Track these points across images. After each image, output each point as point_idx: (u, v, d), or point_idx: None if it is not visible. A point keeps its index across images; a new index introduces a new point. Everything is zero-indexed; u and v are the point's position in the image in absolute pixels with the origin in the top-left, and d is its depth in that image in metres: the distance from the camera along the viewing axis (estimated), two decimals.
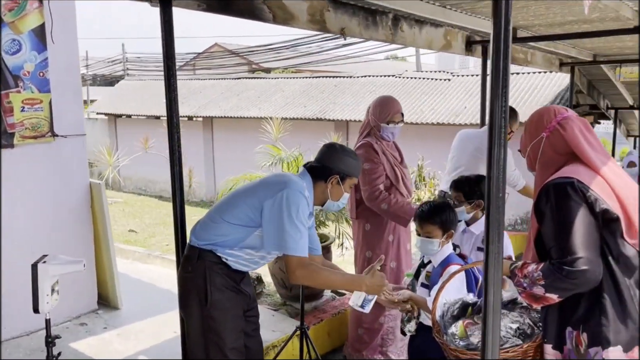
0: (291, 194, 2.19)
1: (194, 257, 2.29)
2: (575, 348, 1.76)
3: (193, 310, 2.30)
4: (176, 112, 2.57)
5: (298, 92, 12.38)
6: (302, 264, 2.18)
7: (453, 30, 4.92)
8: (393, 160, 3.46)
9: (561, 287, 1.70)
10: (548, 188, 1.79)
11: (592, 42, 5.88)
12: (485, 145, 4.68)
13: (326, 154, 2.43)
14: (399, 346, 3.60)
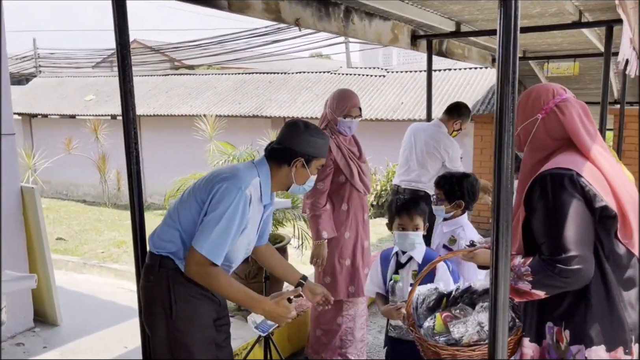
0: (227, 190, 1.97)
1: (155, 266, 2.09)
2: (556, 344, 1.69)
3: (158, 323, 2.10)
4: (132, 106, 2.35)
5: (231, 88, 12.06)
6: (202, 262, 1.95)
7: (400, 24, 4.92)
8: (349, 155, 3.37)
9: (550, 285, 1.61)
10: (544, 178, 1.66)
11: (524, 39, 6.08)
12: (434, 138, 4.73)
13: (288, 135, 2.18)
14: (358, 347, 3.53)
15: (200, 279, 2.01)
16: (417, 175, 4.46)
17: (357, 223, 3.42)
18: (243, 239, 2.09)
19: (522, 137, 1.86)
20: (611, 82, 8.35)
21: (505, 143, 1.43)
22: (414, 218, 2.45)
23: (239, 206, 1.95)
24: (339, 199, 3.35)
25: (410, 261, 2.52)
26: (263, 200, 2.13)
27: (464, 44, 6.39)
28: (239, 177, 2.02)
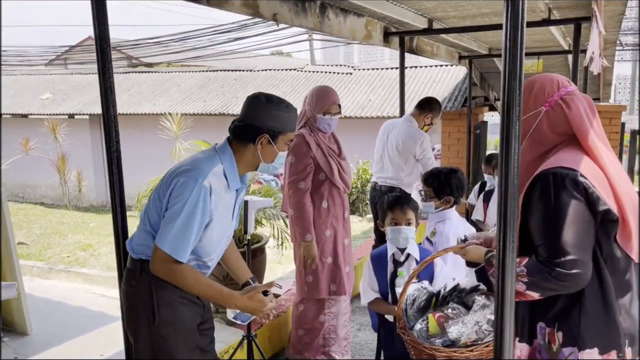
0: (181, 184, 1.85)
1: (136, 270, 1.99)
2: (547, 345, 1.64)
3: (140, 329, 2.00)
4: (113, 104, 2.24)
5: (195, 86, 11.83)
6: (165, 260, 1.85)
7: (373, 21, 4.92)
8: (329, 152, 3.33)
9: (546, 287, 1.56)
10: (546, 177, 1.58)
11: (493, 35, 6.18)
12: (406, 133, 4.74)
13: (250, 110, 2.00)
14: (342, 345, 3.49)
15: (166, 276, 1.91)
16: (393, 172, 4.48)
17: (337, 221, 3.38)
18: (216, 230, 1.97)
19: (522, 130, 1.73)
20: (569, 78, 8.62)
21: (512, 137, 1.39)
22: (407, 212, 2.45)
23: (198, 200, 1.83)
24: (319, 196, 3.30)
25: (409, 259, 2.50)
26: (230, 186, 1.99)
27: (433, 41, 6.45)
28: (198, 168, 1.89)
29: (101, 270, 5.05)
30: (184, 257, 1.86)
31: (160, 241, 1.85)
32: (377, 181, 4.60)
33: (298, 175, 3.21)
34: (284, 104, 2.01)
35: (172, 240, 1.83)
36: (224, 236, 2.06)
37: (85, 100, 12.08)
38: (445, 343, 1.76)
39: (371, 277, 2.57)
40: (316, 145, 3.25)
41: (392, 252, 2.52)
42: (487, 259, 1.75)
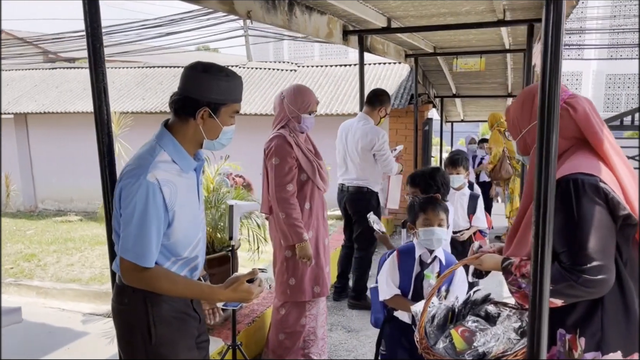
0: (125, 187, 1.72)
1: (129, 287, 1.82)
2: (568, 352, 1.64)
3: (136, 350, 1.86)
4: (106, 103, 2.08)
5: (132, 83, 11.31)
6: (132, 269, 1.74)
7: (334, 19, 4.92)
8: (308, 153, 3.30)
9: (571, 294, 1.55)
10: (566, 183, 1.57)
11: (441, 35, 6.35)
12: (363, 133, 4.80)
13: (187, 81, 1.82)
14: (319, 346, 3.48)
15: (140, 285, 1.79)
16: (357, 172, 4.52)
17: (318, 221, 3.36)
18: (184, 221, 1.82)
19: (529, 140, 1.79)
20: (508, 76, 9.01)
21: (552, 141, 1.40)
22: (439, 213, 2.41)
23: (147, 198, 1.69)
24: (301, 198, 3.26)
25: (434, 261, 2.46)
26: (184, 169, 1.84)
27: (384, 39, 6.54)
28: (139, 165, 1.75)
29: (52, 282, 4.71)
30: (150, 262, 1.74)
31: (121, 251, 1.74)
32: (344, 182, 4.61)
33: (284, 177, 3.14)
34: (224, 72, 1.83)
35: (133, 247, 1.71)
36: (197, 223, 1.93)
37: (9, 98, 11.24)
38: (476, 357, 1.73)
39: (395, 273, 2.52)
40: (297, 146, 3.21)
41: (420, 253, 2.48)
42: (504, 267, 1.72)
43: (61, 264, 5.63)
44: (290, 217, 3.13)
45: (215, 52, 31.27)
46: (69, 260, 5.95)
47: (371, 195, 4.55)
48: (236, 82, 1.86)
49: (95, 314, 3.99)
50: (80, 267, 5.61)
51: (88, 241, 7.25)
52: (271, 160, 3.17)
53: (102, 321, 3.91)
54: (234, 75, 1.86)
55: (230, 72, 1.86)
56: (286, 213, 3.13)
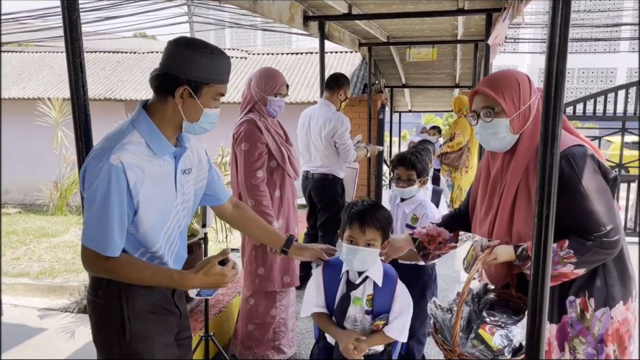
0: (88, 169, 1.59)
1: (104, 279, 1.71)
2: (580, 315, 1.74)
3: (110, 345, 1.75)
4: (84, 83, 1.94)
5: None
6: (94, 258, 1.62)
7: (295, 4, 4.86)
8: (278, 139, 3.21)
9: (595, 260, 1.66)
10: (566, 158, 1.66)
11: (396, 24, 6.41)
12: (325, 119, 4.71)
13: (168, 56, 1.67)
14: (289, 337, 3.42)
15: (103, 274, 1.67)
16: (322, 160, 4.45)
17: (289, 209, 3.28)
18: (152, 210, 1.68)
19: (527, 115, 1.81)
20: (456, 67, 9.25)
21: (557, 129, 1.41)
22: (368, 232, 1.93)
23: (108, 182, 1.56)
24: (271, 185, 3.17)
25: (366, 282, 1.98)
26: (157, 153, 1.68)
27: (341, 27, 6.53)
28: (105, 146, 1.61)
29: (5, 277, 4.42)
30: (112, 251, 1.60)
31: (83, 238, 1.61)
32: (309, 170, 4.54)
33: (254, 164, 3.05)
34: (209, 49, 1.67)
35: (94, 235, 1.59)
36: (169, 215, 1.75)
37: None
38: (514, 350, 1.73)
39: (318, 291, 2.07)
40: (267, 131, 3.12)
41: (346, 269, 2.02)
42: (518, 255, 1.76)
43: (6, 258, 5.31)
44: (260, 205, 3.05)
45: (153, 39, 30.32)
46: (13, 254, 5.62)
47: (336, 182, 4.52)
48: (222, 61, 1.70)
49: (52, 309, 3.78)
50: (27, 260, 5.30)
51: (33, 234, 6.87)
52: (240, 145, 3.06)
53: (59, 316, 3.72)
54: (221, 53, 1.70)
55: (217, 49, 1.70)
56: (256, 200, 3.05)
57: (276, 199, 3.20)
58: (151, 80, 1.71)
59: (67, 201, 4.45)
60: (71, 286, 4.43)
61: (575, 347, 1.76)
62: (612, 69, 32.95)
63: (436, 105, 14.54)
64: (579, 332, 1.74)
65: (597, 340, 1.73)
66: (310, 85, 9.22)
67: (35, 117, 8.97)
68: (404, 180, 2.70)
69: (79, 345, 3.36)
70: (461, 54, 8.33)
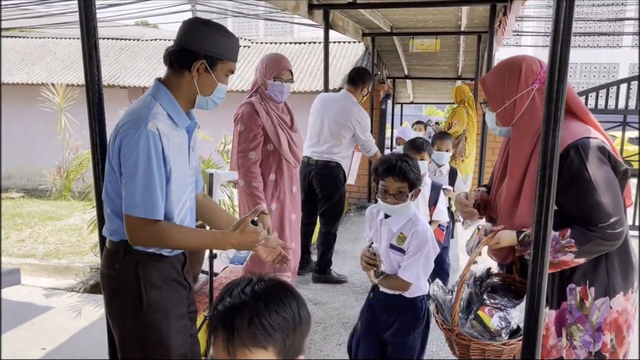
0: (125, 138, 1.66)
1: (119, 251, 1.78)
2: (580, 303, 1.76)
3: (126, 317, 1.80)
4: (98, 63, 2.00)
5: (75, 54, 10.76)
6: (142, 225, 1.68)
7: None
8: (279, 123, 3.23)
9: (595, 250, 1.68)
10: (575, 149, 1.68)
11: (400, 14, 6.43)
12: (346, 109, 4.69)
13: (185, 33, 1.79)
14: None
15: (153, 243, 1.73)
16: (330, 146, 4.46)
17: (284, 195, 3.29)
18: (175, 179, 1.75)
19: (513, 110, 1.84)
20: (459, 59, 9.26)
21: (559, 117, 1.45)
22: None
23: (149, 147, 1.64)
24: (266, 168, 3.20)
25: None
26: (178, 124, 1.79)
27: (345, 16, 6.55)
28: (137, 117, 1.69)
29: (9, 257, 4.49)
30: (160, 214, 1.68)
31: (129, 208, 1.67)
32: (312, 156, 4.55)
33: (248, 144, 3.09)
34: (224, 29, 1.82)
35: (141, 201, 1.64)
36: (186, 187, 1.85)
37: None
38: (511, 332, 1.78)
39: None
40: (266, 114, 3.15)
41: None
42: (520, 240, 1.81)
43: (11, 240, 5.37)
44: (250, 186, 3.08)
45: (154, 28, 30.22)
46: (19, 236, 5.68)
47: (339, 170, 4.54)
48: (234, 41, 1.85)
49: (58, 289, 3.85)
50: (32, 242, 5.36)
51: (37, 217, 6.93)
52: (237, 126, 3.13)
53: (65, 295, 3.79)
54: (232, 34, 1.85)
55: (229, 31, 1.84)
56: (246, 181, 3.08)
57: (271, 183, 3.22)
58: (167, 55, 1.80)
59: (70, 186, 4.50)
60: (77, 267, 4.50)
61: (572, 333, 1.78)
62: (615, 64, 32.77)
63: (438, 97, 14.55)
64: (577, 320, 1.77)
65: (595, 328, 1.76)
66: (313, 75, 9.24)
67: (39, 102, 9.00)
68: (392, 195, 2.12)
69: (85, 323, 3.43)
70: (464, 46, 8.35)
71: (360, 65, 4.80)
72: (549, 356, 1.82)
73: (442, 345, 3.35)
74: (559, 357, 1.81)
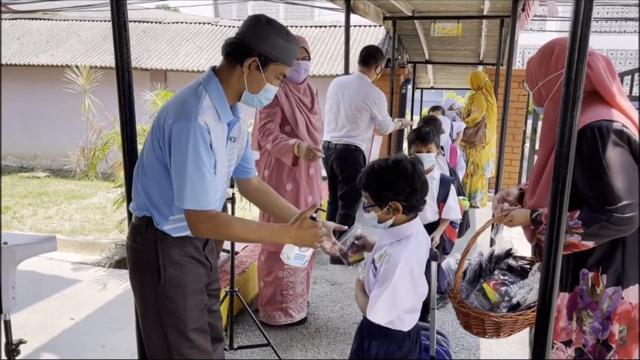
0: (176, 129, 1.68)
1: (142, 226, 1.85)
2: (591, 289, 1.75)
3: (144, 288, 1.88)
4: (127, 42, 2.05)
5: (99, 37, 10.91)
6: (202, 219, 1.72)
7: None
8: (297, 105, 3.25)
9: (603, 235, 1.66)
10: (591, 130, 1.68)
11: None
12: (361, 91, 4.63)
13: (246, 28, 1.80)
14: (298, 302, 3.49)
15: (212, 234, 1.79)
16: (348, 130, 4.49)
17: (301, 176, 3.32)
18: (219, 168, 1.79)
19: (544, 92, 1.90)
20: (481, 44, 9.16)
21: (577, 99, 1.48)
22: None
23: (197, 141, 1.67)
24: None
25: None
26: (222, 118, 1.80)
27: (366, 0, 6.52)
28: (186, 108, 1.72)
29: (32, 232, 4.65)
30: (211, 204, 1.72)
31: (183, 202, 1.71)
32: (331, 140, 4.59)
33: (267, 119, 3.15)
34: (285, 31, 1.80)
35: (193, 194, 1.68)
36: (221, 178, 1.88)
37: None
38: (511, 307, 1.80)
39: None
40: (285, 96, 3.19)
41: None
42: (533, 219, 1.82)
43: (39, 217, 5.53)
44: (272, 145, 3.11)
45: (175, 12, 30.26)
46: (45, 213, 5.84)
47: (359, 153, 4.57)
48: (293, 46, 1.83)
49: (85, 263, 3.98)
50: (58, 219, 5.52)
51: (63, 195, 7.11)
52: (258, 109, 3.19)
53: (92, 269, 3.92)
54: (294, 39, 1.83)
55: (292, 34, 1.83)
56: (271, 147, 3.12)
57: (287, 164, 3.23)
58: (225, 45, 1.83)
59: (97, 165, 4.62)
60: (102, 243, 4.64)
61: (582, 318, 1.78)
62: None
63: (458, 83, 14.40)
64: (587, 305, 1.76)
65: (605, 316, 1.74)
66: (333, 58, 9.25)
67: (63, 84, 9.16)
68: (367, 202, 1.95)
69: (110, 297, 3.56)
70: (486, 30, 8.25)
71: (371, 44, 4.76)
72: (559, 338, 1.83)
73: (457, 327, 3.41)
74: (568, 339, 1.81)
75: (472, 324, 1.84)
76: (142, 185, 1.85)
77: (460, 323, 1.94)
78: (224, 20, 11.45)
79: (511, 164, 8.01)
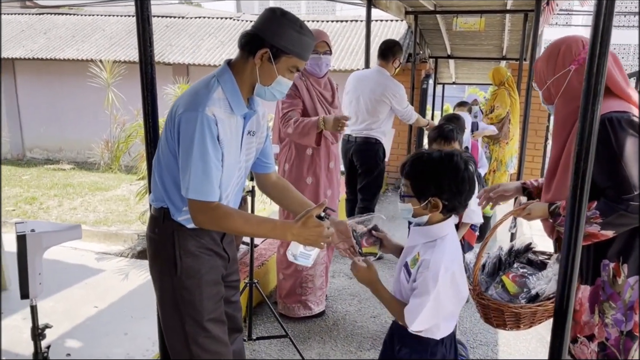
0: (184, 120, 1.68)
1: (160, 217, 1.87)
2: (612, 279, 1.76)
3: (162, 278, 1.91)
4: (150, 36, 2.09)
5: (123, 32, 11.07)
6: (203, 209, 1.72)
7: None
8: (318, 98, 3.26)
9: (622, 223, 1.68)
10: (602, 123, 1.68)
11: None
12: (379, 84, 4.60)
13: (261, 19, 1.78)
14: (317, 295, 3.50)
15: (212, 225, 1.78)
16: (368, 124, 4.49)
17: (321, 170, 3.33)
18: (226, 164, 1.79)
19: (553, 90, 1.93)
20: (504, 38, 9.05)
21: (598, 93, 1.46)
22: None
23: (203, 131, 1.67)
24: None
25: None
26: (235, 111, 1.79)
27: None
28: (195, 99, 1.72)
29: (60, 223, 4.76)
30: (214, 196, 1.72)
31: (186, 191, 1.72)
32: (351, 133, 4.60)
33: (290, 108, 3.16)
34: (299, 24, 1.76)
35: (196, 184, 1.68)
36: (234, 172, 1.87)
37: None
38: (530, 298, 1.81)
39: None
40: (306, 89, 3.20)
41: None
42: (551, 211, 1.83)
43: (64, 208, 5.66)
44: (294, 127, 3.11)
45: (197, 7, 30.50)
46: (70, 204, 5.97)
47: (379, 146, 4.57)
48: (307, 39, 1.78)
49: (108, 253, 4.07)
50: (83, 211, 5.64)
51: (88, 187, 7.25)
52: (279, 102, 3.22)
53: (115, 260, 4.00)
54: (309, 32, 1.79)
55: (307, 28, 1.79)
56: (293, 133, 3.14)
57: (307, 157, 3.27)
58: (240, 38, 1.83)
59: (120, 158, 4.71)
60: (125, 234, 4.74)
61: (604, 310, 1.78)
62: None
63: (481, 78, 14.24)
64: (609, 297, 1.76)
65: (627, 307, 1.74)
66: (354, 53, 9.23)
67: (88, 78, 9.32)
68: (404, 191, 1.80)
69: (132, 286, 3.64)
70: (510, 25, 8.14)
71: (390, 38, 4.74)
72: (582, 332, 1.83)
73: (475, 322, 3.40)
74: (591, 333, 1.81)
75: (492, 315, 1.84)
76: (159, 177, 1.87)
77: (481, 316, 1.95)
78: (246, 15, 11.51)
79: (533, 160, 7.92)
